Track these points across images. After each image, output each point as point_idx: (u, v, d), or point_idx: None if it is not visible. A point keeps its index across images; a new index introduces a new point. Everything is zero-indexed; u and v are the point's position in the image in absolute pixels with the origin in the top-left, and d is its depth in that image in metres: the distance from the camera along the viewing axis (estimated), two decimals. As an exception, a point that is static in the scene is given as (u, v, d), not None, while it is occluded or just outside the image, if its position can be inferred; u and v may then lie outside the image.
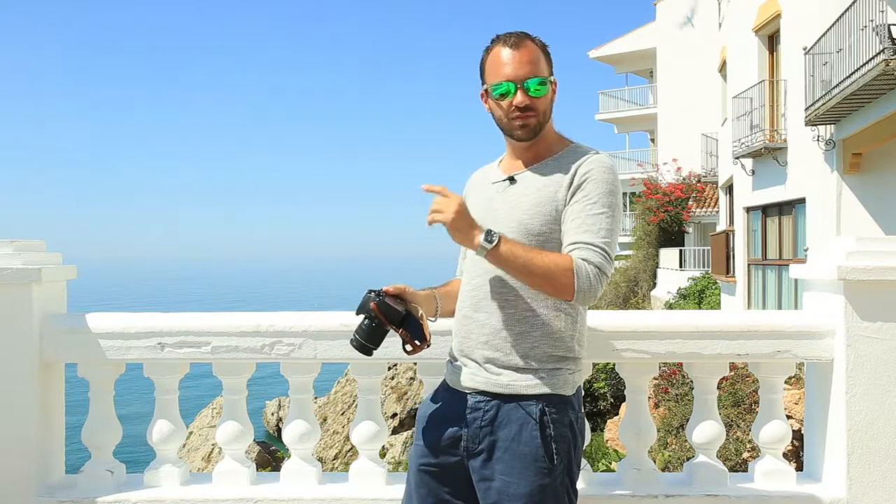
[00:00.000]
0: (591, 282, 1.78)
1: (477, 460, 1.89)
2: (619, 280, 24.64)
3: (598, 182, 1.87)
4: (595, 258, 1.80)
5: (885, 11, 9.40)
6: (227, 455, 2.55)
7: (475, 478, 1.90)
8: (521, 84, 1.89)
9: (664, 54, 28.93)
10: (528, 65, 1.89)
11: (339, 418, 17.68)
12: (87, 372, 2.53)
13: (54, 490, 2.48)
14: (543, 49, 1.94)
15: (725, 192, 19.68)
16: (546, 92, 1.91)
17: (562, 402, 1.89)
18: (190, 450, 16.65)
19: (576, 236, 1.83)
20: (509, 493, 1.83)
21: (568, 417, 1.89)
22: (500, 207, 1.96)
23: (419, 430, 2.03)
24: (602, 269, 1.79)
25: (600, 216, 1.84)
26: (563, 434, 1.87)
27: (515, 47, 1.90)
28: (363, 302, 1.89)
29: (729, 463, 7.10)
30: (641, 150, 34.07)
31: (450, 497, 1.95)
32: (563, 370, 1.90)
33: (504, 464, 1.85)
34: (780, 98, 14.23)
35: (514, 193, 1.95)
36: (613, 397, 13.50)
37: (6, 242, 2.43)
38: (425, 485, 1.97)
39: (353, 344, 1.91)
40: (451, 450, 1.94)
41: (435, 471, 1.96)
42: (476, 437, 1.89)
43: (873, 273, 2.28)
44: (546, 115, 1.94)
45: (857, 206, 11.64)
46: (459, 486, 1.94)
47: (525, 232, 1.88)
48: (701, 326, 2.39)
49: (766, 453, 2.52)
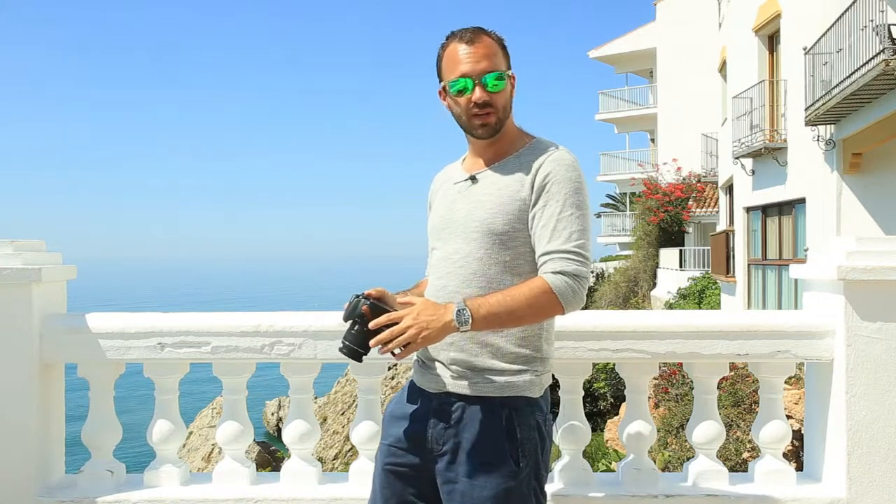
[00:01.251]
0: (573, 291, 1.78)
1: (441, 462, 1.87)
2: (619, 280, 24.64)
3: (562, 182, 1.84)
4: (569, 267, 1.79)
5: (885, 11, 9.40)
6: (227, 455, 2.55)
7: (439, 480, 1.87)
8: (478, 80, 1.86)
9: (664, 54, 28.92)
10: (484, 59, 1.86)
11: (339, 418, 17.67)
12: (87, 372, 2.53)
13: (54, 490, 2.48)
14: (500, 43, 1.91)
15: (725, 192, 19.68)
16: (504, 87, 1.89)
17: (528, 404, 1.86)
18: (190, 450, 16.64)
19: (546, 245, 1.82)
20: (473, 497, 1.80)
21: (535, 419, 1.86)
22: (461, 207, 1.94)
23: (386, 429, 2.00)
24: (578, 275, 1.79)
25: (570, 218, 1.82)
26: (530, 436, 1.84)
27: (471, 42, 1.87)
28: (352, 307, 1.84)
29: (729, 463, 7.10)
30: (641, 150, 34.08)
31: (414, 498, 1.92)
32: (529, 371, 1.87)
33: (468, 466, 1.82)
34: (780, 98, 14.23)
35: (476, 193, 1.93)
36: (613, 397, 13.51)
37: (6, 242, 2.43)
38: (390, 485, 1.94)
39: (343, 351, 1.84)
40: (416, 450, 1.91)
41: (400, 471, 1.93)
42: (441, 439, 1.87)
43: (873, 273, 2.28)
44: (506, 110, 1.91)
45: (857, 206, 11.63)
46: (424, 487, 1.91)
47: (487, 231, 1.86)
48: (701, 326, 2.39)
49: (766, 453, 2.52)
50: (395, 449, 1.94)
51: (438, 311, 1.74)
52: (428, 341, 1.73)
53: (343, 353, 1.85)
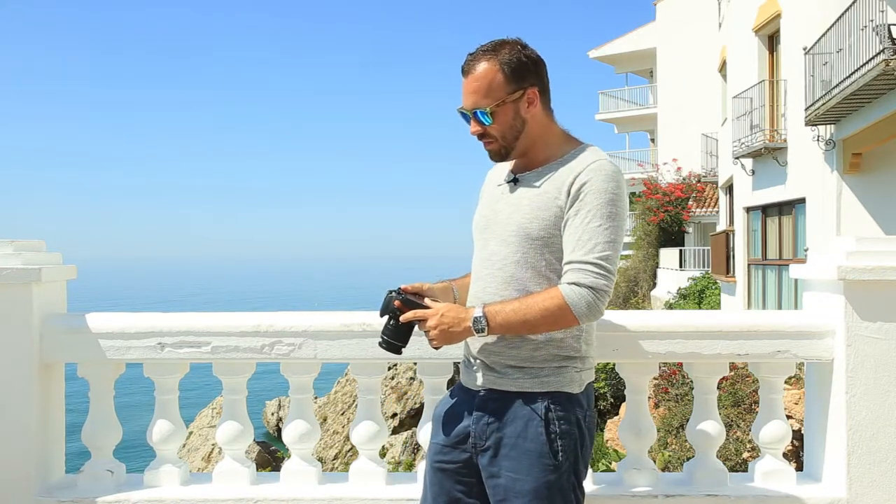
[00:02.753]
0: (587, 305, 1.79)
1: (484, 457, 1.91)
2: (619, 280, 24.64)
3: (597, 193, 1.84)
4: (586, 279, 1.79)
5: (885, 11, 9.40)
6: (227, 455, 2.55)
7: (484, 475, 1.92)
8: (471, 113, 1.91)
9: (664, 54, 28.92)
10: (472, 94, 1.89)
11: (339, 418, 17.66)
12: (87, 372, 2.53)
13: (54, 490, 2.48)
14: (506, 64, 1.88)
15: (725, 192, 19.68)
16: (497, 117, 1.90)
17: (568, 399, 1.90)
18: (190, 450, 16.64)
19: (570, 255, 1.84)
20: (515, 490, 1.85)
21: (574, 415, 1.90)
22: (502, 209, 1.97)
23: (434, 428, 2.06)
24: (596, 287, 1.79)
25: (598, 229, 1.82)
26: (570, 431, 1.88)
27: (466, 74, 1.92)
28: (386, 302, 1.92)
29: (729, 463, 7.10)
30: (641, 150, 34.07)
31: (462, 495, 1.97)
32: (568, 368, 1.91)
33: (510, 460, 1.87)
34: (780, 98, 14.23)
35: (517, 196, 1.96)
36: (613, 397, 13.50)
37: (6, 242, 2.43)
38: (439, 482, 1.99)
39: (381, 345, 1.93)
40: (461, 446, 1.96)
41: (448, 468, 1.98)
42: (483, 434, 1.91)
43: (873, 273, 2.28)
44: (507, 136, 1.93)
45: (857, 206, 11.63)
46: (472, 483, 1.96)
47: (525, 236, 1.89)
48: (701, 326, 2.39)
49: (766, 453, 2.52)
50: (443, 447, 2.00)
51: (461, 315, 1.85)
52: (448, 341, 1.86)
53: (382, 348, 1.94)
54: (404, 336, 1.93)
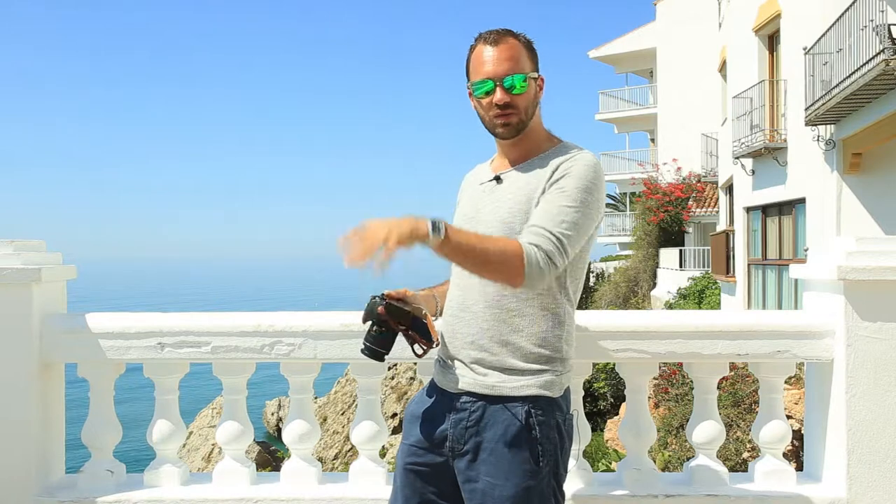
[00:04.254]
0: (539, 267, 1.74)
1: (462, 461, 1.87)
2: (619, 280, 24.65)
3: (575, 177, 1.84)
4: (546, 245, 1.76)
5: (885, 11, 9.40)
6: (227, 455, 2.55)
7: (460, 479, 1.88)
8: (500, 81, 1.87)
9: (664, 54, 28.92)
10: (507, 62, 1.87)
11: (339, 418, 17.66)
12: (87, 372, 2.53)
13: (54, 490, 2.48)
14: (527, 45, 1.92)
15: (725, 192, 19.68)
16: (527, 89, 1.89)
17: (548, 403, 1.87)
18: (190, 450, 16.63)
19: (536, 220, 1.81)
20: (494, 496, 1.81)
21: (554, 419, 1.87)
22: (484, 207, 1.95)
23: (406, 429, 2.02)
24: (551, 258, 1.75)
25: (567, 208, 1.80)
26: (550, 436, 1.85)
27: (496, 44, 1.89)
28: (369, 308, 1.88)
29: (729, 463, 7.10)
30: (641, 150, 34.08)
31: (435, 497, 1.93)
32: (549, 371, 1.87)
33: (489, 465, 1.83)
34: (780, 98, 14.23)
35: (500, 193, 1.94)
36: (613, 397, 13.50)
37: (6, 242, 2.43)
38: (410, 484, 1.95)
39: (364, 352, 1.90)
40: (436, 449, 1.92)
41: (421, 470, 1.94)
42: (461, 438, 1.88)
43: (873, 273, 2.28)
44: (528, 112, 1.91)
45: (857, 206, 11.64)
46: (445, 486, 1.92)
47: (508, 231, 1.86)
48: (701, 326, 2.39)
49: (766, 453, 2.52)
50: (416, 448, 1.95)
51: (409, 218, 1.67)
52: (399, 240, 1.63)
53: (364, 355, 1.89)
54: (387, 343, 1.89)
